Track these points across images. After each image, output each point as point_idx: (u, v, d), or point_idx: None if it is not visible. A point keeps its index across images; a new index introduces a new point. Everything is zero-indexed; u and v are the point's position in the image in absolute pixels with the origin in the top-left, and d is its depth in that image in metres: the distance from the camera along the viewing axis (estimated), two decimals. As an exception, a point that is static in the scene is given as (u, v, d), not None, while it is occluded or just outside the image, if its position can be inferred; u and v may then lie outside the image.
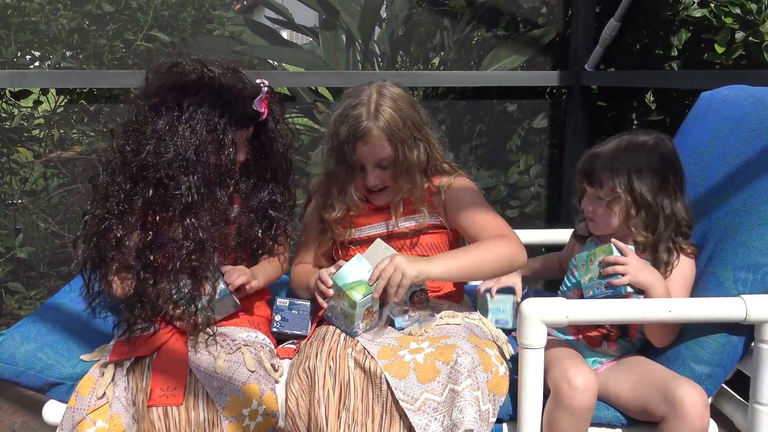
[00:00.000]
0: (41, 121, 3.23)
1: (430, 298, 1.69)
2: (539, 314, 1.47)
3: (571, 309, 1.49)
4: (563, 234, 2.09)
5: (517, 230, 1.76)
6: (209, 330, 1.62)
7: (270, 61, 3.62)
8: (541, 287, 2.69)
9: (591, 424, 1.54)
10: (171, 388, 1.52)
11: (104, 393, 1.53)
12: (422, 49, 3.77)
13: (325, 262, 1.87)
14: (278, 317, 1.77)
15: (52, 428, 1.61)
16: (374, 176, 1.75)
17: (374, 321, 1.62)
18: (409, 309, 1.64)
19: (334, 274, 1.62)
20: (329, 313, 1.64)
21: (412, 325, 1.63)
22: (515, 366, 1.57)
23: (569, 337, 1.69)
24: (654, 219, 1.62)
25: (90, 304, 1.66)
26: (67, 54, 3.19)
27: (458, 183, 1.84)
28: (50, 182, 3.34)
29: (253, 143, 1.76)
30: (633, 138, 1.67)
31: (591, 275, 1.59)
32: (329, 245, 1.87)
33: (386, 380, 1.48)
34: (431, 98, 3.60)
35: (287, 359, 1.71)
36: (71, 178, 3.29)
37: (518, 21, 3.36)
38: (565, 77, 3.13)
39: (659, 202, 1.62)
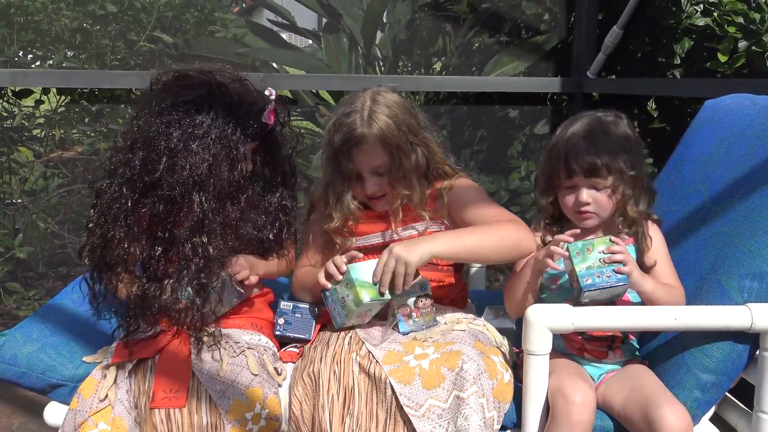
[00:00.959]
0: (42, 121, 3.23)
1: (435, 304, 1.69)
2: (545, 321, 1.46)
3: (577, 316, 1.48)
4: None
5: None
6: (213, 330, 1.61)
7: (272, 64, 3.62)
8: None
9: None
10: (174, 390, 1.52)
11: (106, 395, 1.52)
12: (424, 54, 3.78)
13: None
14: (281, 320, 1.76)
15: (53, 430, 1.60)
16: (372, 183, 1.75)
17: (363, 319, 1.64)
18: (414, 314, 1.64)
19: (351, 264, 1.62)
20: (327, 293, 1.64)
21: (417, 331, 1.63)
22: (516, 373, 1.57)
23: (573, 354, 1.67)
24: (641, 192, 1.66)
25: (94, 306, 1.65)
26: (69, 54, 3.19)
27: (460, 183, 1.83)
28: (50, 182, 3.33)
29: (262, 150, 1.76)
30: (602, 118, 1.68)
31: (589, 263, 1.58)
32: (332, 254, 1.87)
33: (391, 385, 1.48)
34: (432, 103, 3.60)
35: (290, 363, 1.70)
36: (71, 179, 3.29)
37: (521, 27, 3.37)
38: (567, 84, 3.14)
39: (642, 175, 1.66)
